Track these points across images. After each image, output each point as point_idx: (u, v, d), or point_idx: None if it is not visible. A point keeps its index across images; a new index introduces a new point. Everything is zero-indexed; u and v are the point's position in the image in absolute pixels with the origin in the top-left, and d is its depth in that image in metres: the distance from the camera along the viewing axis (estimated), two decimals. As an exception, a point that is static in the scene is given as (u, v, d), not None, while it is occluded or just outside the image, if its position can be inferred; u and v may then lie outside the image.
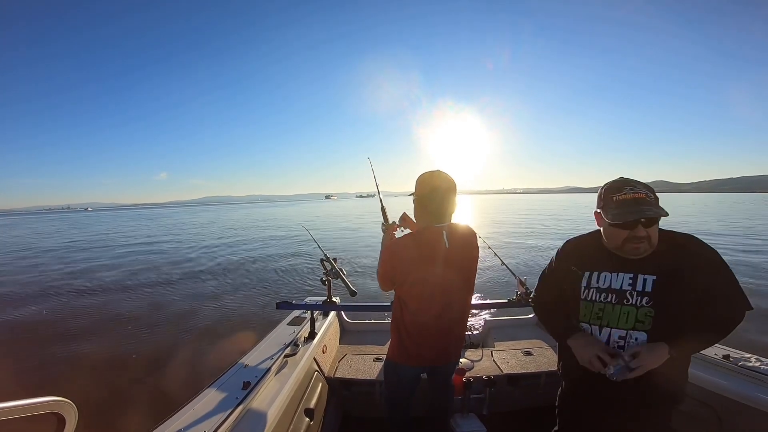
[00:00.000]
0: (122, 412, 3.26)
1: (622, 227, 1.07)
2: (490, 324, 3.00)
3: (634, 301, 1.10)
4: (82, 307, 6.90)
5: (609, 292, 1.14)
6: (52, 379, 4.01)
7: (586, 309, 1.18)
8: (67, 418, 0.82)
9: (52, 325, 5.84)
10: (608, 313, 1.13)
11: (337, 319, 2.89)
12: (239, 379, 1.57)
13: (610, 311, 1.13)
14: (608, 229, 1.12)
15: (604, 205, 1.12)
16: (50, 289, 8.43)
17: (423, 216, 1.44)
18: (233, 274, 9.51)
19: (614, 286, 1.14)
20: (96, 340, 5.15)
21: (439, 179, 1.39)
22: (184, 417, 1.31)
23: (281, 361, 1.84)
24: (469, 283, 1.52)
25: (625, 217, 1.04)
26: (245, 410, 1.42)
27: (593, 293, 1.17)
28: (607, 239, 1.16)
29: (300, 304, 2.39)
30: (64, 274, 10.40)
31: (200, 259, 12.09)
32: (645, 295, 1.09)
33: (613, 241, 1.12)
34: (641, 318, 1.09)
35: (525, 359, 2.37)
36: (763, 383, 1.45)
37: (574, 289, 1.21)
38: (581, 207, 41.52)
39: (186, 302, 6.94)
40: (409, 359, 1.52)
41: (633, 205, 1.05)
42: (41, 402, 0.77)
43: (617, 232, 1.09)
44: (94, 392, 3.58)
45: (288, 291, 7.55)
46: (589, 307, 1.17)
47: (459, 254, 1.43)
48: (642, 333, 1.09)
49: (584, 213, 31.93)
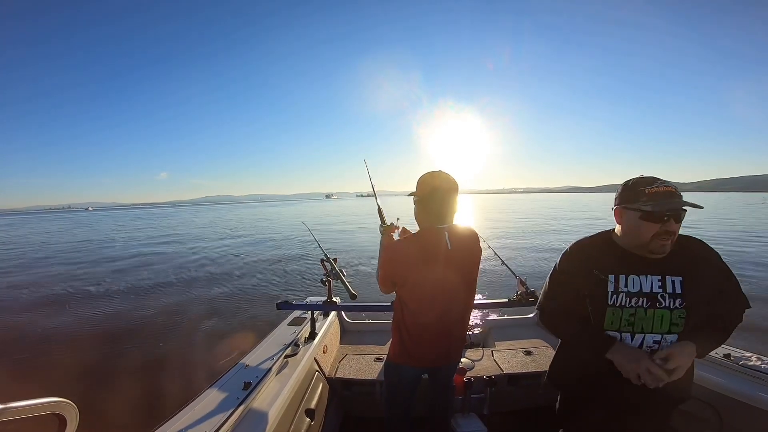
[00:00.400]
0: (123, 413, 3.26)
1: (655, 220, 1.03)
2: (491, 324, 3.00)
3: (667, 303, 1.06)
4: (82, 306, 6.90)
5: (640, 296, 1.08)
6: (51, 379, 4.01)
7: (614, 315, 1.10)
8: (68, 418, 0.82)
9: (51, 326, 5.84)
10: (641, 318, 1.08)
11: (338, 319, 2.89)
12: (240, 379, 1.57)
13: (643, 316, 1.07)
14: (636, 224, 1.07)
15: (634, 198, 1.07)
16: (50, 290, 8.43)
17: (424, 217, 1.43)
18: (233, 273, 9.51)
19: (645, 289, 1.08)
20: (96, 340, 5.15)
21: (440, 180, 1.38)
22: (185, 417, 1.31)
23: (282, 362, 1.84)
24: (471, 285, 1.51)
25: (666, 207, 1.01)
26: (246, 410, 1.42)
27: (623, 298, 1.09)
28: (631, 236, 1.10)
29: (300, 304, 2.39)
30: (65, 273, 10.40)
31: (201, 259, 12.10)
32: (677, 297, 1.06)
33: (640, 238, 1.07)
34: (675, 320, 1.06)
35: (525, 359, 2.37)
36: (764, 382, 1.44)
37: (596, 294, 1.12)
38: (581, 206, 41.51)
39: (186, 302, 6.94)
40: (410, 360, 1.51)
41: (669, 197, 1.02)
42: (42, 403, 0.77)
43: (647, 227, 1.04)
44: (95, 393, 3.58)
45: (288, 291, 7.55)
46: (618, 313, 1.09)
47: (461, 255, 1.42)
48: (675, 336, 1.07)
49: (584, 212, 31.91)
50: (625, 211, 1.10)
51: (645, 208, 1.03)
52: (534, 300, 2.12)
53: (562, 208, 41.79)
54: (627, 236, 1.12)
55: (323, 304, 2.34)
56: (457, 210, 1.43)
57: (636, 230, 1.07)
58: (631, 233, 1.10)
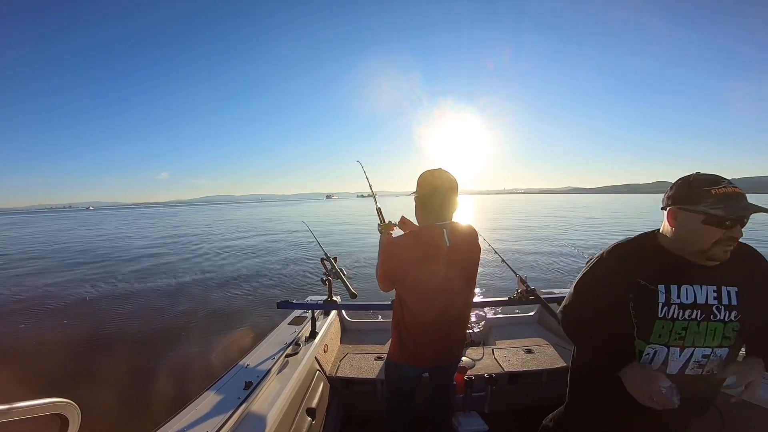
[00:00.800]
0: (125, 413, 3.27)
1: (721, 225, 0.92)
2: (491, 322, 3.00)
3: (722, 316, 0.99)
4: (80, 306, 6.91)
5: (694, 308, 0.99)
6: (55, 380, 4.02)
7: (663, 329, 1.01)
8: (70, 419, 0.82)
9: (52, 327, 5.85)
10: (693, 332, 1.00)
11: (338, 318, 2.89)
12: (241, 378, 1.57)
13: (696, 329, 0.99)
14: (696, 228, 0.96)
15: (697, 199, 0.95)
16: (48, 288, 8.44)
17: (424, 215, 1.43)
18: (234, 273, 9.52)
19: (699, 301, 1.00)
20: (97, 340, 5.16)
21: (441, 178, 1.38)
22: (186, 417, 1.31)
23: (282, 361, 1.84)
24: (471, 283, 1.51)
25: (739, 212, 0.90)
26: (247, 410, 1.42)
27: (675, 310, 1.00)
28: (688, 241, 1.00)
29: (301, 303, 2.39)
30: (64, 273, 10.41)
31: (202, 258, 12.10)
32: (733, 309, 0.99)
33: (700, 243, 0.96)
34: (728, 333, 0.99)
35: (526, 357, 2.37)
36: (766, 380, 1.45)
37: (642, 305, 1.03)
38: (581, 207, 41.49)
39: (187, 302, 6.95)
40: (410, 359, 1.51)
41: (739, 199, 0.91)
42: (44, 403, 0.77)
43: (711, 232, 0.93)
44: (97, 393, 3.59)
45: (289, 290, 7.55)
46: (669, 326, 1.01)
47: (460, 253, 1.42)
48: (725, 350, 1.00)
49: (584, 213, 31.89)
50: (683, 212, 0.98)
51: (713, 211, 0.91)
52: (534, 298, 2.12)
53: (562, 207, 41.77)
54: (682, 241, 1.01)
55: (324, 303, 2.34)
56: (457, 208, 1.43)
57: (696, 235, 0.96)
58: (689, 238, 0.99)
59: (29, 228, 36.04)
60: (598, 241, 13.33)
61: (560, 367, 2.22)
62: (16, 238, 23.81)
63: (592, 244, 12.66)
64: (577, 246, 11.56)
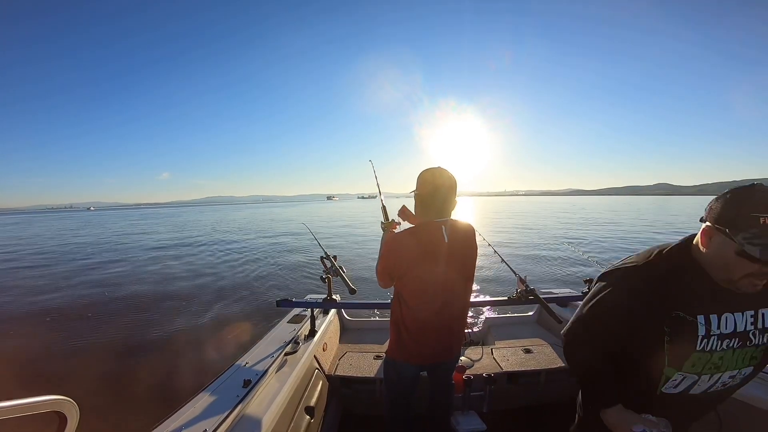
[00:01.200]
0: (123, 411, 3.27)
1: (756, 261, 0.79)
2: (490, 322, 3.01)
3: (756, 341, 0.91)
4: (79, 305, 6.91)
5: (733, 337, 0.90)
6: (53, 377, 4.02)
7: (700, 360, 0.91)
8: (68, 416, 0.82)
9: (51, 323, 5.85)
10: (728, 360, 0.92)
11: (338, 317, 2.90)
12: (240, 377, 1.57)
13: (730, 357, 0.92)
14: (727, 257, 0.84)
15: (740, 226, 0.80)
16: (47, 288, 8.44)
17: (423, 212, 1.45)
18: (234, 271, 9.52)
19: (739, 329, 0.91)
20: (96, 337, 5.16)
21: (441, 177, 1.40)
22: (185, 415, 1.31)
23: (281, 359, 1.84)
24: (469, 279, 1.52)
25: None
26: (246, 408, 1.42)
27: (714, 342, 0.90)
28: (717, 268, 0.88)
29: (300, 301, 2.39)
30: (65, 273, 10.41)
31: (201, 257, 12.11)
32: (766, 332, 0.92)
33: (728, 273, 0.86)
34: (756, 354, 0.94)
35: (525, 357, 2.37)
36: (764, 382, 1.45)
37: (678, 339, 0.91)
38: (581, 209, 41.42)
39: (187, 300, 6.95)
40: (409, 357, 1.52)
41: None
42: (42, 401, 0.77)
43: (742, 265, 0.81)
44: (96, 391, 3.59)
45: (288, 289, 7.56)
46: (706, 358, 0.91)
47: (458, 250, 1.43)
48: (750, 368, 0.95)
49: (584, 214, 31.86)
50: (719, 234, 0.84)
51: (750, 250, 0.77)
52: (533, 299, 2.12)
53: (562, 210, 41.73)
54: (709, 265, 0.90)
55: (323, 301, 2.34)
56: (456, 205, 1.45)
57: (725, 264, 0.85)
58: (719, 264, 0.87)
59: (34, 228, 36.05)
60: (598, 243, 13.34)
61: (559, 367, 2.22)
62: (27, 238, 23.79)
63: (591, 243, 12.67)
64: (576, 246, 11.56)
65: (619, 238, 14.95)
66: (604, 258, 9.69)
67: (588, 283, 2.21)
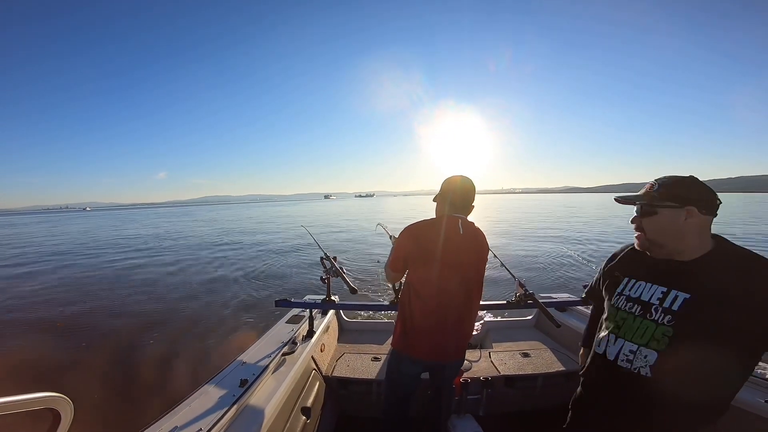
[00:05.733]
0: (118, 408, 3.25)
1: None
2: (489, 325, 3.00)
3: (656, 316, 1.00)
4: (77, 304, 6.89)
5: (637, 303, 1.06)
6: (47, 374, 4.00)
7: (610, 315, 1.12)
8: (62, 413, 0.82)
9: (50, 321, 5.83)
10: (628, 325, 1.06)
11: (336, 318, 2.89)
12: (237, 376, 1.57)
13: (630, 323, 1.05)
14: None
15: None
16: (47, 289, 8.42)
17: (444, 208, 1.54)
18: (233, 271, 9.50)
19: (644, 298, 1.05)
20: (92, 335, 5.14)
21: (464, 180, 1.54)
22: (181, 414, 1.31)
23: (279, 359, 1.83)
24: (479, 276, 1.56)
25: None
26: (242, 408, 1.42)
27: (622, 301, 1.10)
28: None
29: (299, 302, 2.39)
30: (65, 273, 10.39)
31: (201, 257, 12.09)
32: (669, 313, 0.98)
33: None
34: (658, 337, 0.99)
35: (522, 361, 2.37)
36: (760, 387, 1.45)
37: (608, 293, 1.18)
38: (577, 207, 41.50)
39: (184, 299, 6.93)
40: (414, 350, 1.51)
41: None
42: (36, 398, 0.76)
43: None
44: (91, 388, 3.57)
45: (287, 289, 7.54)
46: (614, 313, 1.11)
47: (471, 245, 1.51)
48: (653, 352, 0.99)
49: (579, 212, 31.89)
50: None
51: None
52: (532, 303, 2.12)
53: (559, 208, 41.81)
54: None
55: (322, 302, 2.34)
56: (472, 210, 1.58)
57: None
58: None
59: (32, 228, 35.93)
60: (597, 243, 13.35)
61: (556, 372, 2.22)
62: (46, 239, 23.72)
63: (591, 242, 12.69)
64: (575, 249, 11.57)
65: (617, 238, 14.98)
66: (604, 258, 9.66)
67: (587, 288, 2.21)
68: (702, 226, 0.98)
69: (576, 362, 2.29)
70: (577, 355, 1.59)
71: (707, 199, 0.97)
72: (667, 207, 0.99)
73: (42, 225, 38.64)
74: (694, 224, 0.97)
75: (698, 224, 0.97)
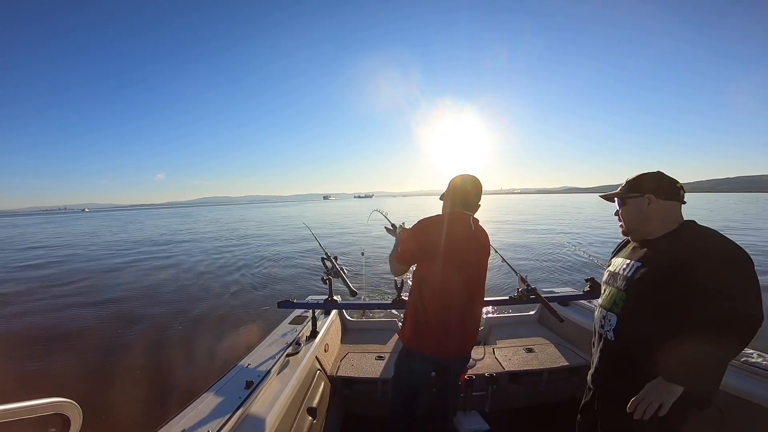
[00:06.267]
0: (126, 413, 3.26)
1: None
2: (492, 321, 3.00)
3: (618, 283, 1.17)
4: (78, 307, 6.90)
5: (611, 275, 1.23)
6: (56, 380, 4.01)
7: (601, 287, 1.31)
8: (71, 419, 0.82)
9: (55, 327, 5.84)
10: (604, 295, 1.24)
11: (339, 317, 2.89)
12: (242, 378, 1.57)
13: (606, 293, 1.23)
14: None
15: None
16: (47, 289, 8.42)
17: (455, 204, 1.55)
18: (234, 272, 9.49)
19: (614, 269, 1.23)
20: (98, 339, 5.14)
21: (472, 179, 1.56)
22: (188, 417, 1.31)
23: (283, 361, 1.84)
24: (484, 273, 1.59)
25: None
26: (248, 410, 1.42)
27: (606, 275, 1.28)
28: None
29: (301, 303, 2.39)
30: (65, 273, 10.39)
31: (201, 258, 12.07)
32: (625, 280, 1.14)
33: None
34: (617, 301, 1.15)
35: (527, 356, 2.37)
36: (764, 379, 1.45)
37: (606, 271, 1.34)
38: (577, 207, 41.45)
39: (187, 302, 6.92)
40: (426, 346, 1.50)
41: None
42: (46, 403, 0.77)
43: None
44: (99, 393, 3.58)
45: (289, 290, 7.55)
46: (601, 289, 1.29)
47: (479, 242, 1.54)
48: (614, 315, 1.15)
49: (583, 212, 31.87)
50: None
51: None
52: (535, 298, 2.12)
53: (559, 208, 41.75)
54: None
55: (324, 302, 2.34)
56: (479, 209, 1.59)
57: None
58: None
59: (32, 229, 35.93)
60: (597, 239, 13.35)
61: (561, 367, 2.22)
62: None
63: (591, 242, 12.69)
64: (577, 245, 11.56)
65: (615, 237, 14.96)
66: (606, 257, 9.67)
67: (589, 282, 2.21)
68: (665, 210, 1.11)
69: (580, 356, 2.29)
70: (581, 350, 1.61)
71: (665, 187, 1.11)
72: (631, 197, 1.16)
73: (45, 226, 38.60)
74: (656, 209, 1.11)
75: (660, 209, 1.11)
